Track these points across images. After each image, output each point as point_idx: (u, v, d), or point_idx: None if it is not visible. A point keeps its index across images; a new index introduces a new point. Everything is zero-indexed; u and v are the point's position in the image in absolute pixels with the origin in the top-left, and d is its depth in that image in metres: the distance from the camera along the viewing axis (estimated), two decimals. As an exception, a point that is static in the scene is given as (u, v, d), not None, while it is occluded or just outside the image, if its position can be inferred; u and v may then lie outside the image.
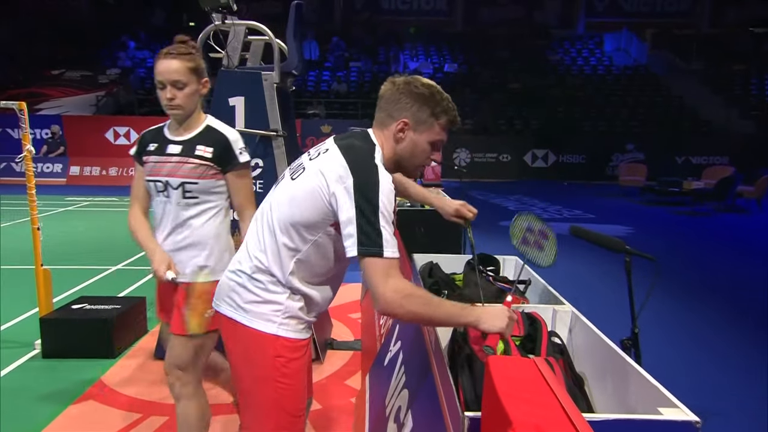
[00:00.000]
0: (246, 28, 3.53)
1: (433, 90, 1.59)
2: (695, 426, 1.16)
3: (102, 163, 14.65)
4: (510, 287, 2.31)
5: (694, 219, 9.97)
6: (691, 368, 3.68)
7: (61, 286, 4.98)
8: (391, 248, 1.44)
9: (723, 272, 6.29)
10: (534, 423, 0.93)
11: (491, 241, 7.82)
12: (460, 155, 16.34)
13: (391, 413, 2.18)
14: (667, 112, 18.14)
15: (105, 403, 3.06)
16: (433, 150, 1.63)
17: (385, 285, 1.41)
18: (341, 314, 4.47)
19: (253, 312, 1.60)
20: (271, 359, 1.58)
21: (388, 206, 1.45)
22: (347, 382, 3.34)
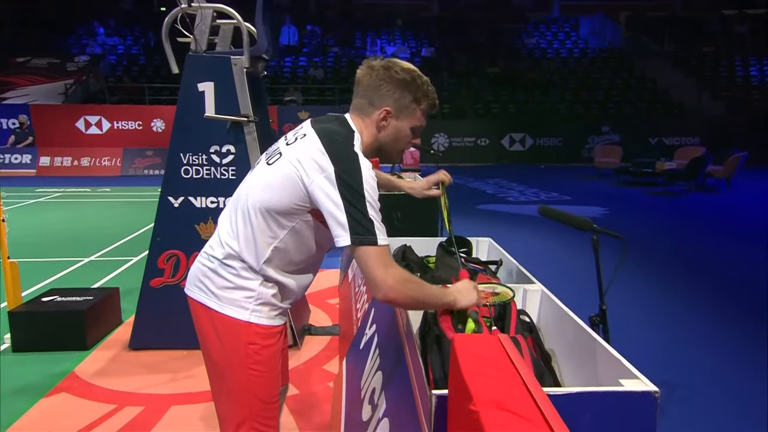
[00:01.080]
0: (214, 12, 3.45)
1: (414, 75, 1.57)
2: (654, 396, 1.18)
3: (73, 154, 14.33)
4: (482, 268, 2.34)
5: (667, 199, 10.17)
6: (665, 344, 3.77)
7: (32, 279, 4.89)
8: (383, 235, 1.43)
9: (695, 250, 6.44)
10: (495, 398, 0.95)
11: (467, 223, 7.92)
12: (438, 140, 16.35)
13: (366, 395, 2.20)
14: (641, 94, 18.38)
15: (78, 395, 3.02)
16: (414, 135, 1.63)
17: (386, 274, 1.40)
18: (319, 300, 4.47)
19: (224, 298, 1.57)
20: (244, 346, 1.56)
21: (372, 194, 1.44)
22: (325, 366, 3.35)
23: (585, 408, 1.18)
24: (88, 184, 12.12)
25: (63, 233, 7.19)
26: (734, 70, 19.76)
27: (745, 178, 12.22)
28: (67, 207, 9.37)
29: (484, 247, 2.88)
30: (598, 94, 18.25)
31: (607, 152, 13.98)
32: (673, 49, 20.41)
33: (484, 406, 0.92)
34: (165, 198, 3.44)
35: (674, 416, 2.84)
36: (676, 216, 8.69)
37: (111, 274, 5.28)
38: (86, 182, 12.49)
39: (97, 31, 19.57)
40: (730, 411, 2.92)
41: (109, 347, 3.63)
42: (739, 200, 10.04)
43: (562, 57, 20.48)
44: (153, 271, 3.48)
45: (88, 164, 14.27)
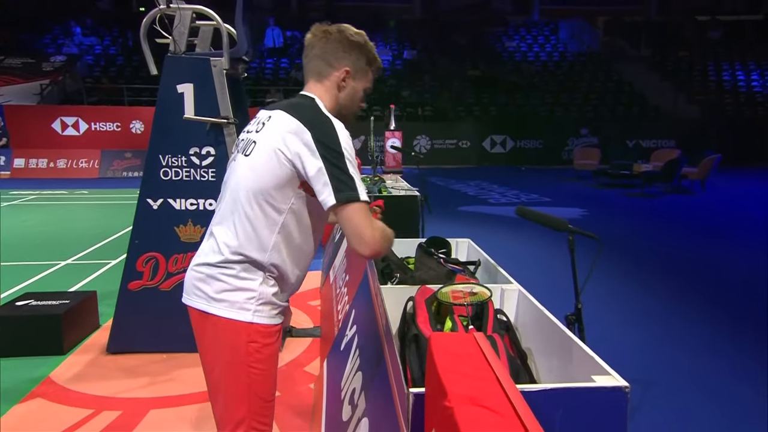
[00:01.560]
0: (193, 13, 3.43)
1: (365, 38, 1.64)
2: (624, 390, 1.21)
3: (49, 155, 14.08)
4: (461, 268, 2.37)
5: (644, 200, 10.36)
6: (642, 343, 3.84)
7: (6, 283, 4.81)
8: (364, 191, 1.47)
9: (671, 251, 6.57)
10: (469, 394, 0.97)
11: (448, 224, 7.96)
12: (420, 142, 16.43)
13: (346, 396, 2.20)
14: (618, 97, 18.71)
15: (54, 400, 2.97)
16: (365, 94, 1.70)
17: (373, 229, 1.45)
18: (301, 302, 4.47)
19: (226, 301, 1.56)
20: (245, 345, 1.56)
21: (350, 151, 1.48)
22: (306, 368, 3.35)
23: (558, 404, 1.20)
24: (64, 187, 11.91)
25: (38, 236, 7.06)
26: (707, 74, 20.24)
27: (719, 179, 12.50)
28: (43, 209, 9.21)
29: (464, 248, 2.91)
30: (577, 97, 18.54)
31: (585, 154, 14.19)
32: (649, 54, 20.84)
33: (459, 402, 0.94)
34: (144, 200, 3.41)
35: (651, 413, 2.90)
36: (652, 217, 8.86)
37: (88, 278, 5.20)
38: (63, 184, 12.28)
39: (73, 30, 19.25)
40: (707, 408, 2.99)
41: (86, 351, 3.58)
42: (713, 201, 10.28)
43: (542, 60, 20.75)
44: (131, 274, 3.44)
45: (65, 166, 14.03)
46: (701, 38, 21.57)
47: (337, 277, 3.81)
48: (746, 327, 4.14)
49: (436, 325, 1.79)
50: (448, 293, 1.79)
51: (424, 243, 2.49)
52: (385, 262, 2.50)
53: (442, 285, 1.86)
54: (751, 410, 2.96)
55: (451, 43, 20.68)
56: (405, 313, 1.88)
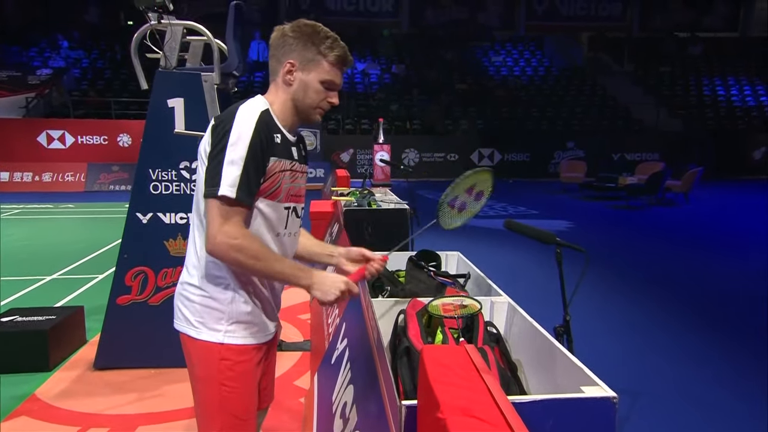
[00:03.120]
0: (184, 28, 3.46)
1: (317, 28, 1.54)
2: (612, 401, 1.24)
3: (34, 169, 13.94)
4: (451, 281, 2.39)
5: (629, 213, 10.49)
6: (629, 353, 3.88)
7: (-9, 298, 4.74)
8: (229, 187, 1.37)
9: (656, 262, 6.66)
10: (461, 405, 0.98)
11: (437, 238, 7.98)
12: (408, 155, 16.52)
13: (337, 410, 2.20)
14: (603, 111, 19.00)
15: (39, 418, 2.92)
16: (328, 91, 1.56)
17: (219, 227, 1.40)
18: (290, 315, 4.45)
19: (198, 323, 1.56)
20: (216, 362, 1.55)
21: (238, 141, 1.39)
22: (296, 382, 3.34)
23: (549, 414, 1.22)
24: (50, 200, 11.78)
25: (23, 251, 6.97)
26: (689, 88, 20.65)
27: (702, 192, 12.71)
28: (28, 224, 9.10)
29: (453, 261, 2.93)
30: (562, 110, 18.79)
31: (572, 167, 14.36)
32: (632, 69, 21.21)
33: (451, 413, 0.95)
34: (133, 214, 3.39)
35: (638, 423, 2.92)
36: (637, 229, 8.97)
37: (75, 293, 5.14)
38: (48, 198, 12.15)
39: (60, 44, 19.17)
40: (692, 415, 3.02)
41: (72, 368, 3.53)
42: (697, 213, 10.44)
43: (528, 75, 21.04)
44: (120, 289, 3.42)
45: (50, 180, 13.89)
46: (682, 54, 22.03)
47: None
48: (729, 336, 4.20)
49: (427, 337, 1.80)
50: (438, 306, 1.81)
51: (415, 256, 2.51)
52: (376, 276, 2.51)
53: (433, 298, 1.88)
54: (735, 416, 3.00)
55: (439, 57, 20.91)
56: (396, 325, 1.89)
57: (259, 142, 1.42)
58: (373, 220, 4.56)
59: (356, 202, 4.72)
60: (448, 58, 20.93)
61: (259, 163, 1.43)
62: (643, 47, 22.01)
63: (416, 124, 17.53)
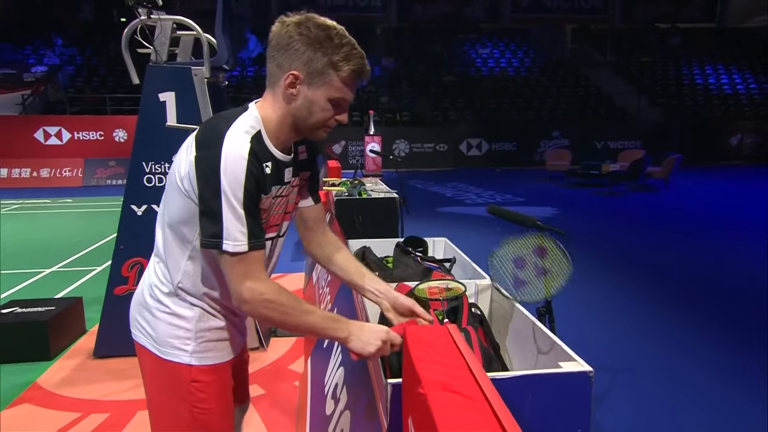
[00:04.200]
0: (174, 23, 3.42)
1: (330, 32, 1.22)
2: (588, 375, 1.26)
3: (32, 165, 13.80)
4: (437, 266, 2.40)
5: (612, 198, 10.55)
6: (609, 333, 3.93)
7: (-9, 291, 4.71)
8: (239, 242, 1.19)
9: (637, 246, 6.72)
10: (441, 381, 0.99)
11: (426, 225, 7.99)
12: (399, 146, 16.49)
13: (329, 391, 2.22)
14: (587, 101, 19.04)
15: (41, 405, 2.92)
16: (336, 109, 1.29)
17: (240, 286, 1.22)
18: (284, 303, 4.46)
19: (163, 342, 1.37)
20: (186, 384, 1.37)
21: (233, 184, 1.16)
22: (291, 366, 3.35)
23: (528, 389, 1.24)
24: (48, 195, 11.68)
25: (22, 245, 6.92)
26: (669, 78, 20.72)
27: (680, 178, 12.80)
28: (27, 219, 9.02)
29: (440, 247, 2.94)
30: (548, 101, 18.80)
31: (557, 156, 14.40)
32: (615, 59, 21.23)
33: (432, 388, 0.96)
34: (128, 206, 3.38)
35: (618, 398, 2.97)
36: (619, 214, 9.03)
37: (74, 284, 5.12)
38: (46, 193, 12.04)
39: (54, 41, 18.89)
40: (671, 392, 3.07)
41: (73, 356, 3.53)
42: (675, 199, 10.52)
43: (514, 66, 21.01)
44: (117, 279, 3.41)
45: (48, 175, 13.76)
46: (662, 44, 22.08)
47: (320, 278, 3.82)
48: (705, 316, 4.26)
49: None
50: (424, 289, 1.82)
51: (402, 242, 2.52)
52: (365, 261, 2.52)
53: (419, 282, 1.89)
54: (709, 392, 3.05)
55: (427, 50, 20.82)
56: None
57: (254, 182, 1.20)
58: (363, 209, 4.56)
59: (347, 192, 4.72)
60: (437, 51, 20.84)
61: (255, 201, 1.23)
62: (625, 38, 22.04)
63: (406, 115, 17.49)
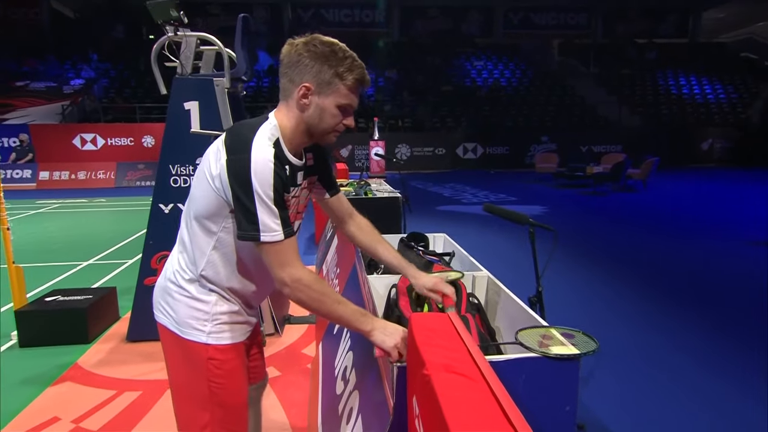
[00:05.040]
0: (197, 39, 3.42)
1: (334, 47, 1.30)
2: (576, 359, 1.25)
3: (71, 168, 13.87)
4: (437, 259, 2.39)
5: (596, 198, 10.51)
6: (594, 319, 3.91)
7: (35, 282, 4.73)
8: (275, 233, 1.24)
9: (618, 241, 6.69)
10: (444, 363, 0.99)
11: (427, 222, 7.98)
12: (401, 150, 16.46)
13: (339, 373, 2.22)
14: (573, 109, 18.95)
15: (81, 383, 2.94)
16: (344, 115, 1.35)
17: (281, 272, 1.27)
18: (298, 292, 4.46)
19: (183, 323, 1.41)
20: (204, 362, 1.40)
21: (263, 184, 1.22)
22: (304, 350, 3.35)
23: (521, 371, 1.23)
24: (84, 196, 11.73)
25: (63, 240, 6.95)
26: (646, 88, 20.61)
27: (658, 179, 12.73)
28: (66, 216, 9.06)
29: (440, 242, 2.93)
30: (537, 109, 18.73)
31: (545, 159, 14.35)
32: (598, 71, 21.14)
33: (435, 369, 0.96)
34: (156, 205, 3.39)
35: (602, 380, 2.95)
36: (602, 212, 8.99)
37: (108, 275, 5.14)
38: (83, 194, 12.09)
39: (91, 57, 18.97)
40: (648, 371, 3.05)
41: (108, 340, 3.55)
42: (653, 198, 10.46)
43: (506, 77, 20.93)
44: (147, 271, 3.42)
45: (85, 177, 13.82)
46: (640, 58, 21.98)
47: (329, 270, 3.82)
48: (679, 303, 4.24)
49: (416, 308, 1.81)
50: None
51: (405, 238, 2.51)
52: (372, 255, 2.51)
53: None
54: (683, 371, 3.04)
55: (426, 62, 20.76)
56: (389, 298, 1.89)
57: (280, 182, 1.26)
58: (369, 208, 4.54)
59: (354, 192, 4.71)
60: (435, 63, 20.78)
61: (282, 198, 1.28)
62: (607, 52, 21.94)
63: (407, 122, 17.45)
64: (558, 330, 1.45)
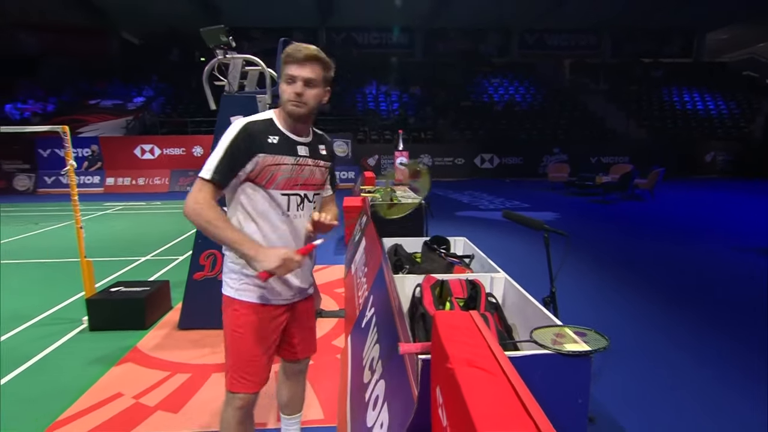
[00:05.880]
0: (243, 60, 3.49)
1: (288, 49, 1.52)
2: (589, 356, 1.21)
3: (132, 174, 14.34)
4: (458, 261, 2.37)
5: (604, 206, 10.23)
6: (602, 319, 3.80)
7: (102, 274, 4.89)
8: (208, 171, 1.48)
9: (626, 246, 6.49)
10: (466, 358, 0.97)
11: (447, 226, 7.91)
12: (423, 160, 16.40)
13: (366, 363, 2.21)
14: (583, 123, 18.54)
15: (140, 364, 3.02)
16: (291, 84, 1.52)
17: (192, 195, 1.47)
18: (329, 290, 4.48)
19: (224, 283, 1.65)
20: (231, 312, 1.62)
21: (225, 139, 1.49)
22: (334, 342, 3.36)
23: (537, 367, 1.21)
24: (143, 199, 12.09)
25: (125, 238, 7.18)
26: (653, 104, 20.02)
27: (664, 188, 12.31)
28: (128, 217, 9.36)
29: (460, 245, 2.90)
30: (550, 122, 18.40)
31: (558, 169, 14.06)
32: (607, 88, 20.64)
33: (458, 364, 0.95)
34: (206, 208, 3.45)
35: (611, 377, 2.86)
36: (611, 220, 8.75)
37: (163, 270, 5.27)
38: (142, 197, 12.47)
39: (151, 77, 19.60)
40: (653, 368, 2.95)
41: (162, 327, 3.63)
42: (660, 207, 10.12)
43: (521, 93, 20.64)
44: (196, 267, 3.49)
45: (143, 183, 14.26)
46: (646, 76, 21.39)
47: (358, 269, 3.82)
48: (681, 305, 4.08)
49: (438, 305, 1.79)
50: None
51: (428, 241, 2.49)
52: (397, 257, 2.51)
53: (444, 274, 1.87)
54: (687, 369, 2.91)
55: (447, 80, 20.66)
56: (414, 296, 1.88)
57: (236, 142, 1.49)
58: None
59: (381, 198, 4.71)
60: (455, 81, 20.66)
61: (236, 157, 1.48)
62: (615, 71, 21.43)
63: (429, 134, 17.40)
64: (571, 329, 1.41)
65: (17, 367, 3.00)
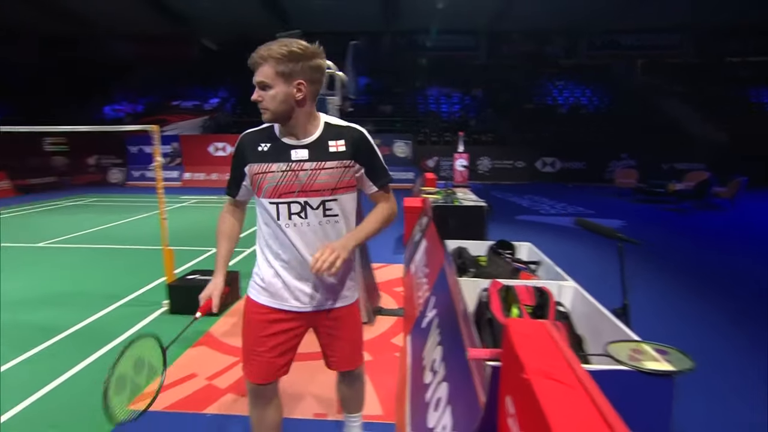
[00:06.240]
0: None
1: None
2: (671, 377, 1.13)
3: (206, 170, 15.27)
4: (524, 266, 2.30)
5: (677, 215, 9.47)
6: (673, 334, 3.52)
7: (181, 261, 5.25)
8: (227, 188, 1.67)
9: (700, 258, 5.97)
10: (542, 369, 0.94)
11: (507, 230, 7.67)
12: (483, 162, 16.07)
13: (427, 364, 2.21)
14: (655, 127, 17.26)
15: (212, 348, 3.22)
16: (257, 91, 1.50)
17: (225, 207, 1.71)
18: (388, 288, 4.51)
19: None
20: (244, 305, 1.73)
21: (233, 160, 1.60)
22: (392, 340, 3.38)
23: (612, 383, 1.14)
24: (216, 193, 12.83)
25: (200, 229, 7.65)
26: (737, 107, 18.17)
27: (746, 199, 11.16)
28: (203, 210, 9.97)
29: (525, 250, 2.81)
30: (618, 126, 17.32)
31: (626, 174, 13.23)
32: (682, 90, 19.05)
33: (535, 374, 0.92)
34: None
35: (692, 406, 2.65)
36: (685, 228, 8.08)
37: (233, 260, 5.54)
38: (215, 192, 13.24)
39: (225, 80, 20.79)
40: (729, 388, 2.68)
41: (232, 315, 3.83)
42: (740, 218, 9.20)
43: (588, 95, 19.61)
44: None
45: (216, 178, 15.13)
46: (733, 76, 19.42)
47: (417, 269, 3.82)
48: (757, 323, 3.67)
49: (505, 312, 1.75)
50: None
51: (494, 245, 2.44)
52: (461, 259, 2.48)
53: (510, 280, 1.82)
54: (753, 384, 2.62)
55: (511, 82, 20.08)
56: (480, 301, 1.85)
57: (235, 156, 1.59)
58: (456, 215, 4.50)
59: (442, 199, 4.68)
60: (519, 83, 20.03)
61: (235, 170, 1.60)
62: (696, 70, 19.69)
63: (490, 136, 17.00)
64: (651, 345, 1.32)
65: (110, 341, 3.30)
